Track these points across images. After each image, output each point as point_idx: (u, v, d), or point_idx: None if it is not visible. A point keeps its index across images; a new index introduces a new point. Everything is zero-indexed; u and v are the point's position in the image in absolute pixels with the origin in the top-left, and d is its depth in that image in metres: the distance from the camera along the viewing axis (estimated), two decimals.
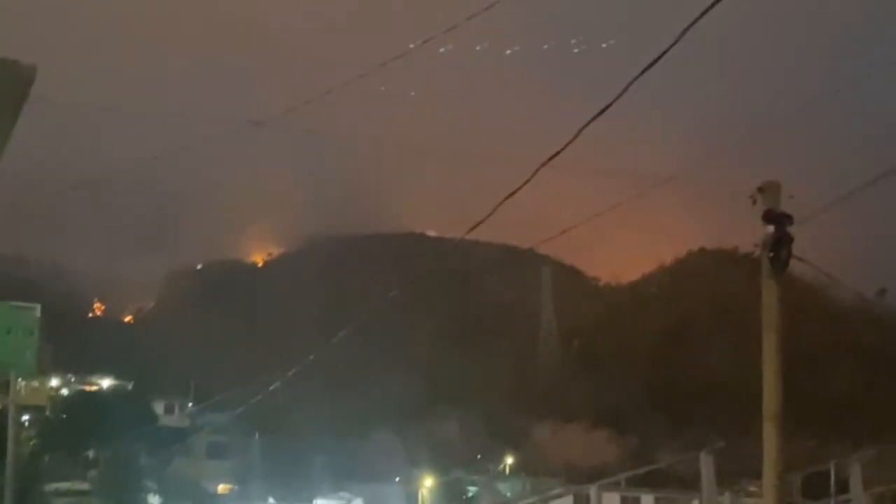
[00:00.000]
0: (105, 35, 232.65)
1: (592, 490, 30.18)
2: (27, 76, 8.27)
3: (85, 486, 59.01)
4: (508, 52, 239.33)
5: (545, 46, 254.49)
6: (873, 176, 11.73)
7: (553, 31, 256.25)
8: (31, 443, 59.69)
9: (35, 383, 61.06)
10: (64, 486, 57.09)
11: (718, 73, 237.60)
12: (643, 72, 10.88)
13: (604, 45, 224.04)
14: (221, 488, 72.36)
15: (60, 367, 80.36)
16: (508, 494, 73.90)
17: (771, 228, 12.45)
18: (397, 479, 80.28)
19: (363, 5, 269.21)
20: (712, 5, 9.84)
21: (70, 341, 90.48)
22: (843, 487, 27.10)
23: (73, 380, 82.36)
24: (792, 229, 12.44)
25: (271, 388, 33.23)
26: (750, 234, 12.84)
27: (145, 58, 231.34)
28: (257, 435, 78.64)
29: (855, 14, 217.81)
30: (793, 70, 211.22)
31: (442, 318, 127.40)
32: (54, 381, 76.43)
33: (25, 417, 56.22)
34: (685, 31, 10.26)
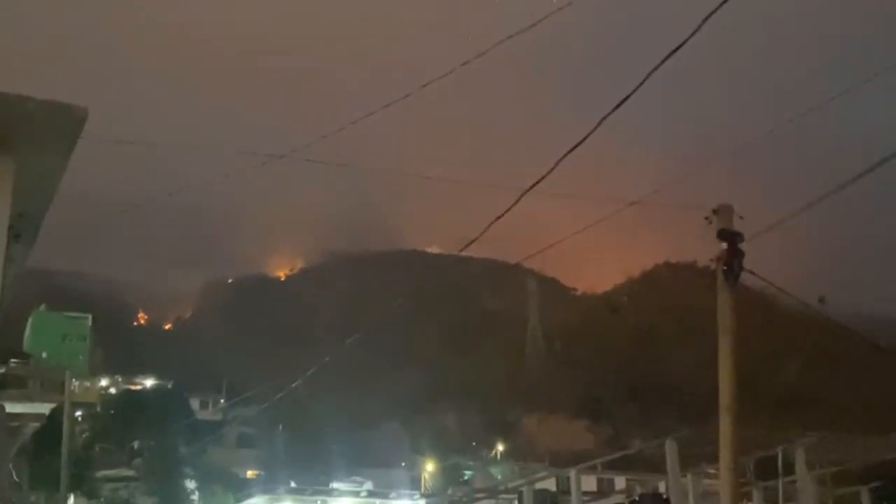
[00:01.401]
0: (148, 77, 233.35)
1: (572, 473, 30.09)
2: (80, 117, 8.30)
3: (130, 472, 58.81)
4: (498, 93, 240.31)
5: (528, 89, 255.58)
6: (816, 197, 11.76)
7: (534, 76, 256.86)
8: (84, 436, 59.31)
9: (87, 383, 60.73)
10: (112, 472, 56.91)
11: (679, 108, 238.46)
12: (611, 112, 10.93)
13: (578, 86, 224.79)
14: (250, 474, 72.00)
15: (109, 369, 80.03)
16: (499, 477, 73.63)
17: (724, 245, 12.49)
18: (403, 464, 79.99)
19: (372, 52, 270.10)
20: (674, 50, 9.88)
21: (118, 346, 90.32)
22: (789, 470, 27.00)
23: (120, 380, 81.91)
24: (743, 245, 12.48)
25: (293, 385, 33.07)
26: (707, 250, 12.88)
27: (183, 97, 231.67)
28: (281, 427, 78.28)
29: (806, 48, 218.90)
30: (744, 104, 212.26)
31: (441, 324, 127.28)
32: (104, 381, 75.98)
33: (78, 413, 55.86)
34: (649, 74, 10.30)
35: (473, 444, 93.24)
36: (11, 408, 15.89)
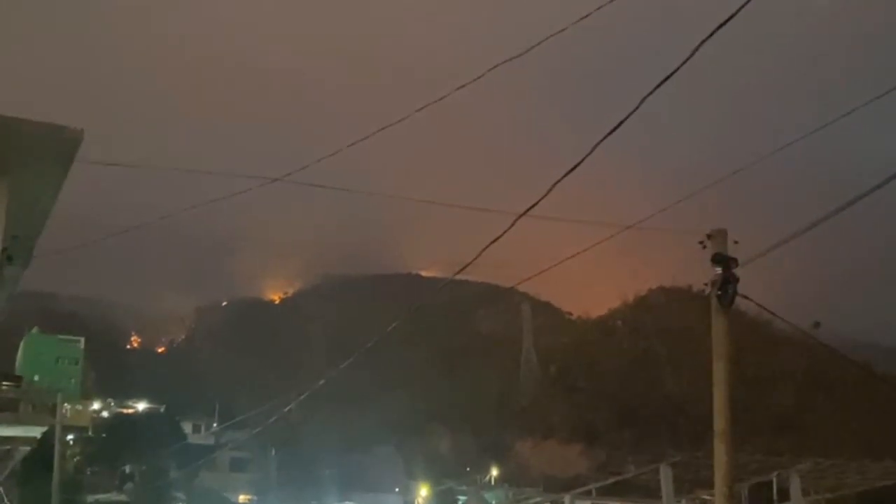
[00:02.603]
0: (144, 98, 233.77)
1: (567, 498, 29.97)
2: (75, 139, 8.29)
3: (122, 497, 58.29)
4: (494, 117, 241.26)
5: (524, 113, 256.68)
6: (810, 222, 11.77)
7: (530, 100, 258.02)
8: (75, 459, 58.93)
9: (79, 406, 60.33)
10: (103, 497, 56.39)
11: (675, 132, 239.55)
12: (604, 138, 10.92)
13: (573, 111, 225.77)
14: (242, 498, 71.56)
15: (101, 392, 79.63)
16: (493, 502, 73.22)
17: (719, 270, 12.48)
18: (396, 489, 79.55)
19: (368, 76, 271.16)
20: (669, 76, 9.91)
21: (110, 369, 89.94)
22: (784, 496, 26.91)
23: (112, 403, 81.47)
24: (737, 270, 12.47)
25: (286, 409, 32.92)
26: (701, 275, 12.86)
27: (178, 119, 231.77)
28: (274, 451, 77.86)
29: (802, 72, 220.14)
30: (739, 129, 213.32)
31: (436, 348, 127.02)
32: (96, 405, 75.45)
33: (70, 436, 55.51)
34: (644, 99, 10.32)
35: (467, 468, 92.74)
36: (2, 431, 15.78)
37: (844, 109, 14.06)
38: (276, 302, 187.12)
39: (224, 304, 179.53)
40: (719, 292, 12.48)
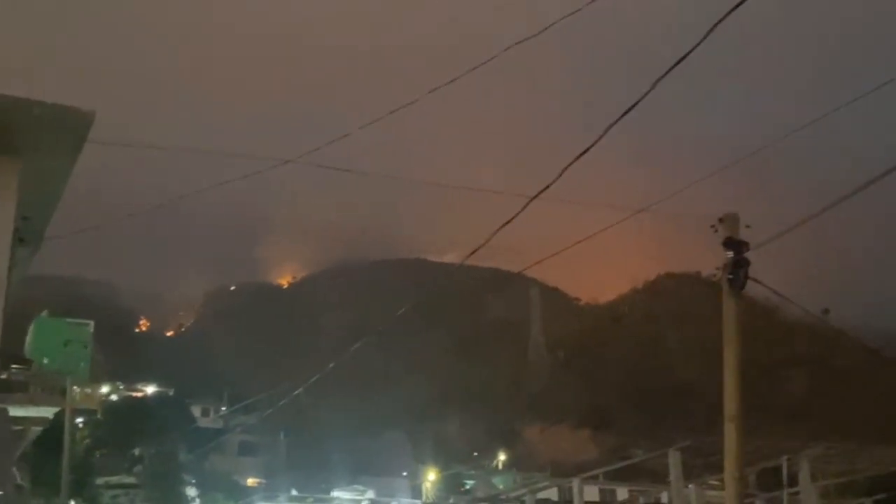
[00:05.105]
0: (152, 79, 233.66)
1: (575, 483, 29.97)
2: (86, 121, 8.29)
3: (131, 479, 58.66)
4: (505, 100, 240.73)
5: (536, 97, 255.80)
6: (821, 207, 11.73)
7: (541, 83, 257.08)
8: (85, 442, 59.17)
9: (88, 390, 60.42)
10: (113, 479, 56.77)
11: (686, 116, 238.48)
12: (617, 121, 10.92)
13: (585, 94, 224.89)
14: (251, 482, 71.94)
15: (111, 376, 79.87)
16: (501, 487, 73.42)
17: (730, 254, 12.45)
18: (404, 473, 79.82)
19: (378, 58, 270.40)
20: (681, 59, 9.89)
21: (120, 353, 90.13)
22: (793, 481, 26.92)
23: (121, 387, 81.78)
24: (748, 255, 12.45)
25: (295, 393, 33.02)
26: (712, 259, 12.84)
27: (188, 103, 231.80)
28: (283, 435, 78.26)
29: (813, 57, 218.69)
30: (751, 113, 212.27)
31: (445, 333, 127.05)
32: (105, 388, 75.67)
33: (79, 420, 55.72)
34: (655, 83, 10.30)
35: (475, 453, 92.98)
36: (15, 411, 15.90)
37: (859, 92, 14.00)
38: (285, 286, 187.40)
39: (233, 288, 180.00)
40: (730, 276, 12.47)
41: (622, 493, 42.76)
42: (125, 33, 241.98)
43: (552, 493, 39.30)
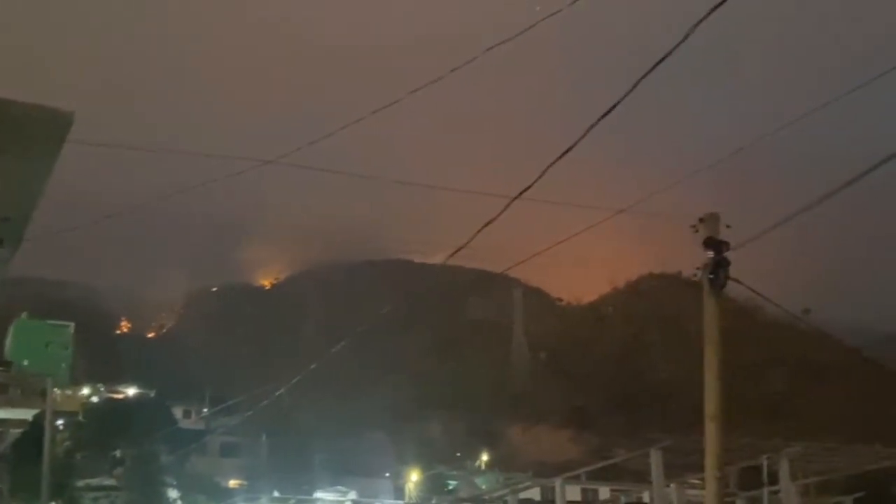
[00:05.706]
0: (133, 80, 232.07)
1: (557, 483, 30.02)
2: (66, 121, 8.22)
3: (112, 481, 58.36)
4: (486, 100, 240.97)
5: (517, 97, 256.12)
6: (801, 207, 11.80)
7: (523, 84, 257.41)
8: (65, 444, 58.84)
9: (69, 391, 60.25)
10: (94, 481, 56.46)
11: (667, 117, 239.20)
12: (598, 121, 10.97)
13: (566, 94, 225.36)
14: (233, 483, 71.65)
15: (91, 377, 79.43)
16: (484, 487, 73.45)
17: (710, 254, 12.50)
18: (387, 474, 79.72)
19: (361, 59, 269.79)
20: (661, 60, 9.93)
21: (100, 354, 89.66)
22: (774, 479, 27.08)
23: (102, 388, 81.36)
24: (729, 255, 12.50)
25: (277, 394, 32.94)
26: (692, 259, 12.88)
27: (168, 104, 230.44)
28: (265, 436, 77.91)
29: (793, 57, 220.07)
30: (731, 114, 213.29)
31: (427, 334, 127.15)
32: (86, 390, 75.38)
33: (60, 422, 55.43)
34: (636, 84, 10.35)
35: (458, 453, 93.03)
36: None
37: (839, 93, 14.10)
38: (267, 287, 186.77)
39: (214, 289, 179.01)
40: (711, 276, 12.52)
41: (604, 492, 42.90)
42: (104, 33, 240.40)
43: (535, 493, 39.42)
